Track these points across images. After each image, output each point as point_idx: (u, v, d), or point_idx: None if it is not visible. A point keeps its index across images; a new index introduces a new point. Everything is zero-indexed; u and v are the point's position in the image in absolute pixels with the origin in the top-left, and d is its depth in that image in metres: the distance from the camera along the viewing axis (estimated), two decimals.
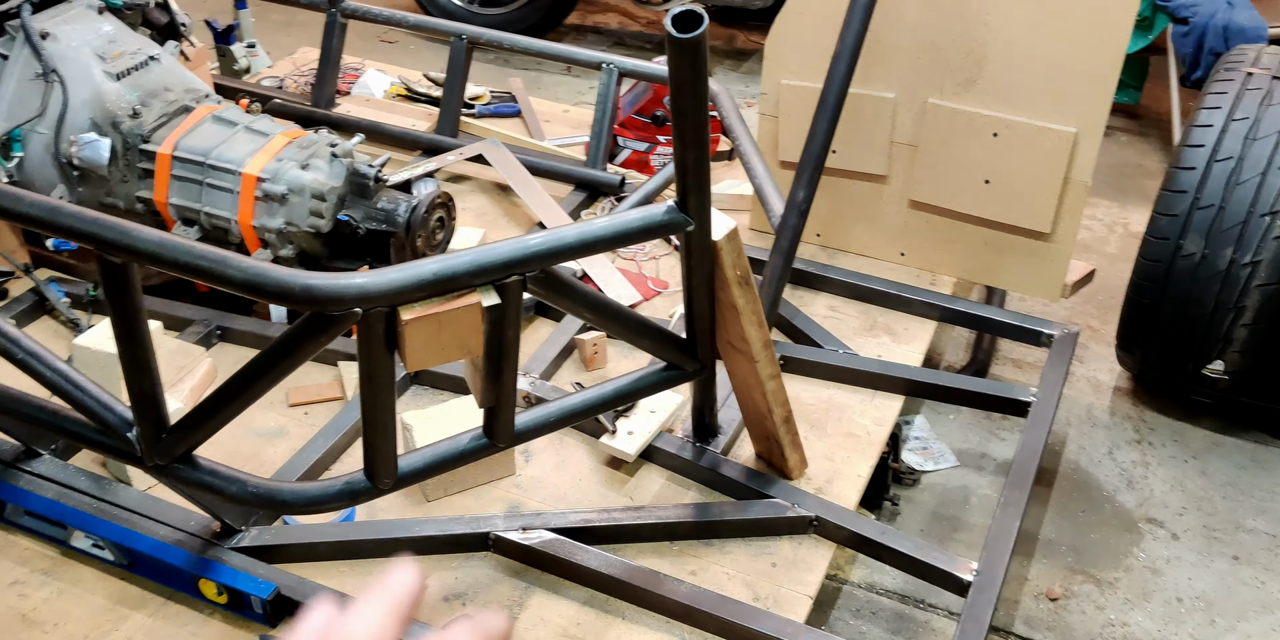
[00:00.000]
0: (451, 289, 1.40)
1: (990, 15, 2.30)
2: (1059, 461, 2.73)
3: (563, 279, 1.51)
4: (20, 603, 1.92)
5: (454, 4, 4.51)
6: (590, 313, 1.63)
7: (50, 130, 2.30)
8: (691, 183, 1.47)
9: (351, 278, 1.35)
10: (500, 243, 1.42)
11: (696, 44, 1.26)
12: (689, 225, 1.52)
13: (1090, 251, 3.46)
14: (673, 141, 1.44)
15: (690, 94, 1.33)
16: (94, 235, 1.41)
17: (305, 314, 1.42)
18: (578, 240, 1.45)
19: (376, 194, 2.32)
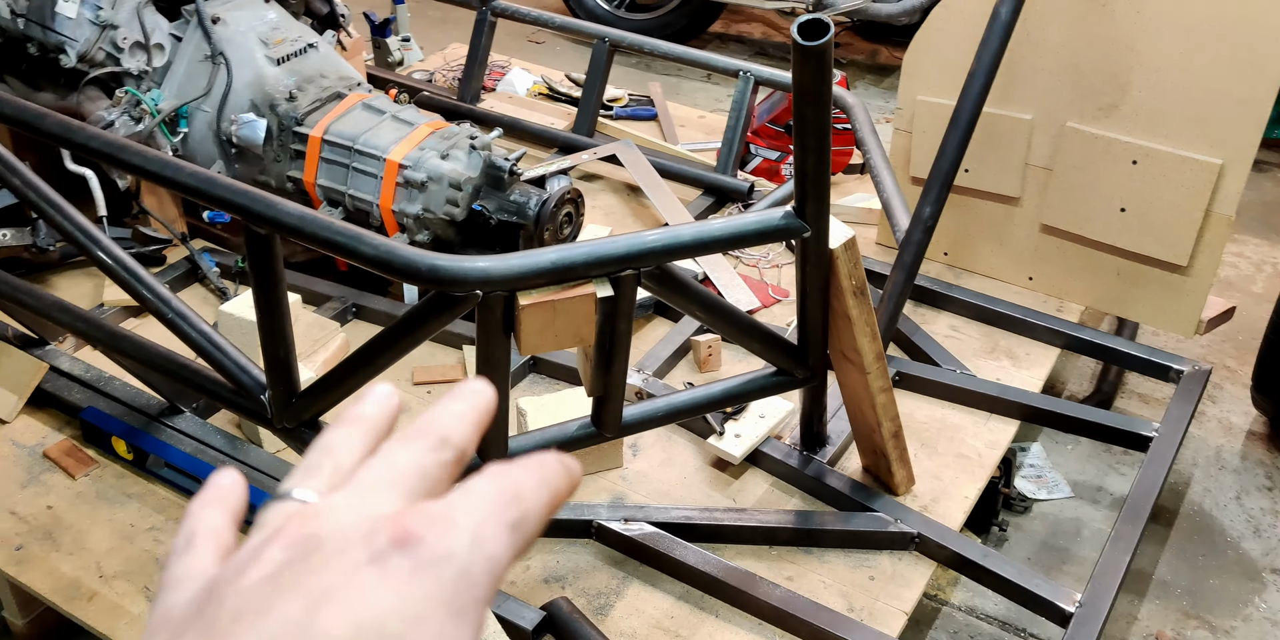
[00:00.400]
0: (568, 278, 1.45)
1: (1138, 40, 2.25)
2: (1181, 502, 2.64)
3: (677, 276, 1.55)
4: (156, 547, 2.04)
5: (601, 8, 4.60)
6: (703, 312, 1.66)
7: (214, 109, 2.44)
8: (810, 189, 1.49)
9: (475, 261, 1.41)
10: (618, 237, 1.46)
11: (822, 52, 1.28)
12: (805, 231, 1.54)
13: (1234, 289, 3.33)
14: (794, 147, 1.46)
15: (813, 101, 1.35)
16: (243, 207, 1.50)
17: (430, 293, 1.48)
18: (693, 239, 1.48)
19: (510, 186, 2.39)
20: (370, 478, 0.42)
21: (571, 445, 1.78)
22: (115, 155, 1.62)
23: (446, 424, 0.47)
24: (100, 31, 2.36)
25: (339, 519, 0.40)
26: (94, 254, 1.81)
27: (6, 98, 1.75)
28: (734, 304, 2.59)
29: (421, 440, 0.46)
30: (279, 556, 0.39)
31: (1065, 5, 2.31)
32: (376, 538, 0.39)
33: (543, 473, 0.44)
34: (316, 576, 0.37)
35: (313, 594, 0.37)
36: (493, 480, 0.43)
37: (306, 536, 0.39)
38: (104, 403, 2.26)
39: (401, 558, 0.37)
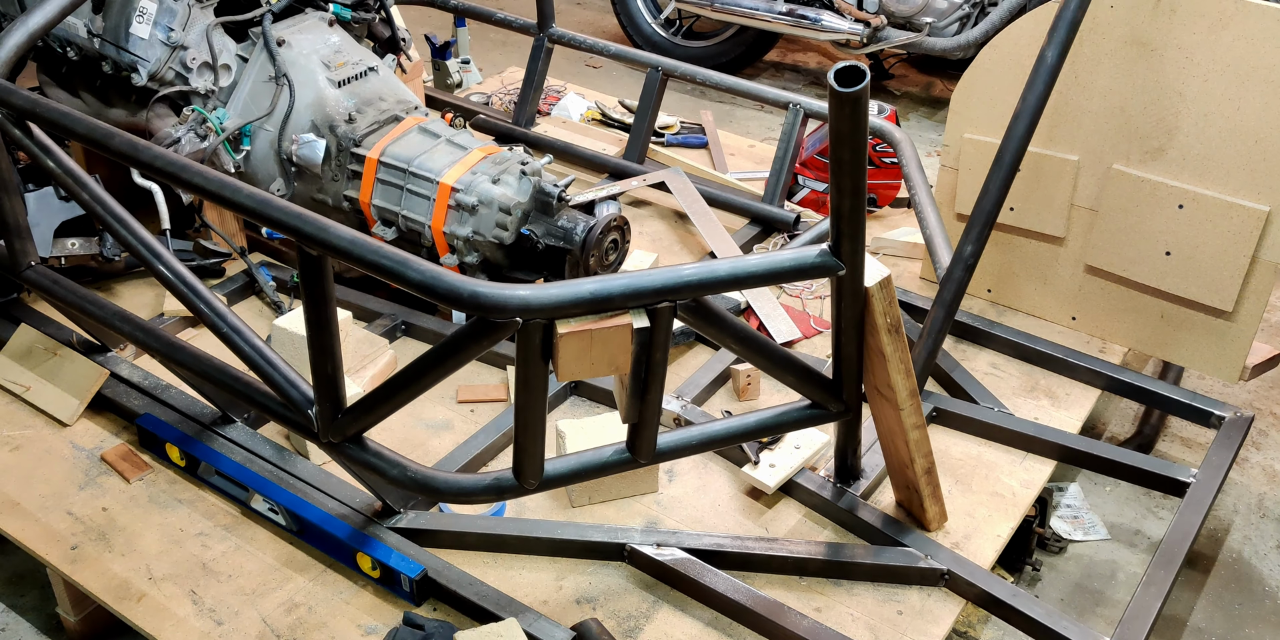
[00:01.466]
0: (606, 309, 1.49)
1: (1186, 85, 2.26)
2: (1220, 549, 2.62)
3: (712, 309, 1.58)
4: (203, 552, 2.11)
5: (659, 35, 4.66)
6: (737, 344, 1.70)
7: (276, 128, 2.53)
8: (846, 229, 1.52)
9: (515, 289, 1.46)
10: (655, 270, 1.50)
11: (857, 98, 1.31)
12: (840, 269, 1.57)
13: None
14: (830, 189, 1.49)
15: (849, 145, 1.39)
16: (296, 229, 1.56)
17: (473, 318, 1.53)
18: (729, 274, 1.52)
19: (558, 212, 2.45)
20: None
21: (605, 470, 1.82)
22: (178, 175, 1.69)
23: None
24: (171, 52, 2.46)
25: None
26: (154, 266, 1.89)
27: (80, 117, 1.83)
28: (775, 334, 2.63)
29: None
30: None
31: (1114, 49, 2.33)
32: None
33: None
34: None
35: None
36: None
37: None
38: (160, 410, 2.33)
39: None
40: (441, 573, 1.99)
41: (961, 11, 3.97)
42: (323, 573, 2.07)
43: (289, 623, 1.97)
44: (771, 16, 4.18)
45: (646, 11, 4.68)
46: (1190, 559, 2.59)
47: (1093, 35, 2.33)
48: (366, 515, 2.10)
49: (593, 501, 2.22)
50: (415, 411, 2.45)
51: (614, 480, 2.21)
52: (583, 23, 5.35)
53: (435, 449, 2.35)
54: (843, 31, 4.08)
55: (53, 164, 1.95)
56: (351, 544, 2.03)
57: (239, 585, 2.04)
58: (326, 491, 2.15)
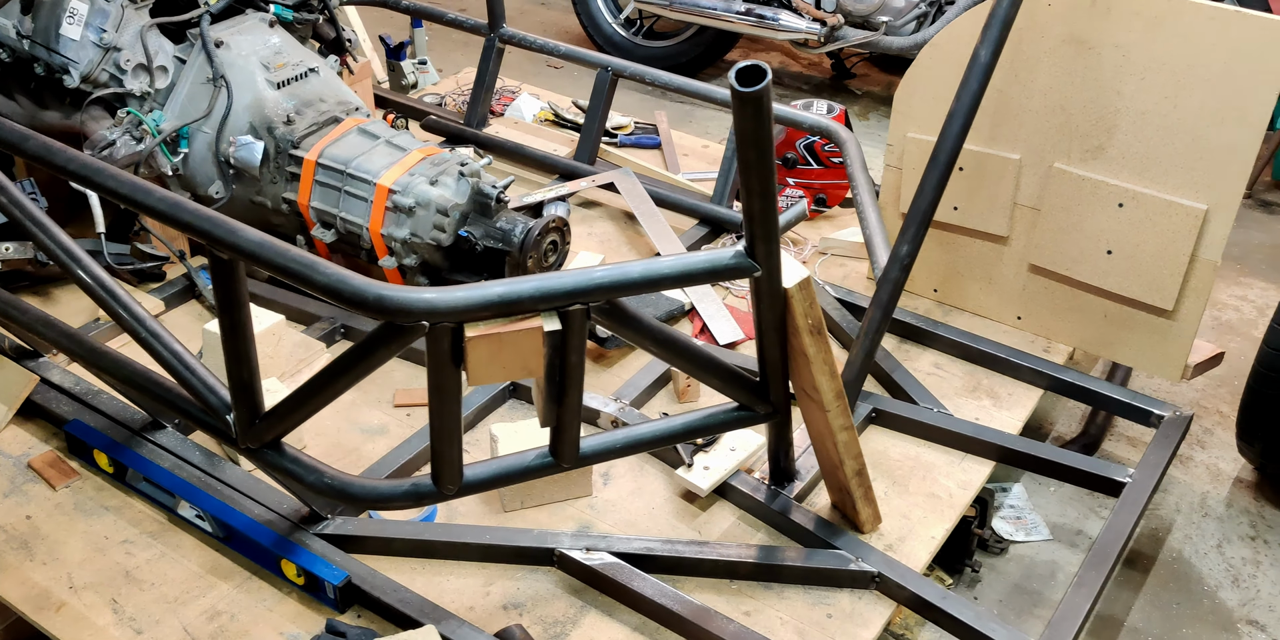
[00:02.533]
0: (515, 311, 1.47)
1: (1124, 84, 2.25)
2: (1160, 549, 2.62)
3: (627, 311, 1.57)
4: (127, 560, 2.08)
5: (619, 35, 4.65)
6: (656, 346, 1.68)
7: (213, 130, 2.50)
8: (759, 230, 1.51)
9: (422, 292, 1.44)
10: (567, 272, 1.48)
11: (759, 97, 1.30)
12: (756, 271, 1.56)
13: (1235, 334, 3.30)
14: (740, 190, 1.48)
15: (754, 145, 1.37)
16: (206, 232, 1.54)
17: (381, 323, 1.51)
18: (642, 276, 1.50)
19: (497, 213, 2.43)
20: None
21: (527, 475, 1.80)
22: (92, 178, 1.67)
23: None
24: (104, 54, 2.43)
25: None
26: (71, 270, 1.86)
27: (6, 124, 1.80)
28: (718, 335, 2.61)
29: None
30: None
31: (1053, 47, 2.32)
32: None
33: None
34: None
35: None
36: None
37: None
38: (90, 416, 2.30)
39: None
40: (366, 579, 1.97)
41: (918, 10, 3.97)
42: (248, 580, 2.05)
43: (210, 631, 1.95)
44: (729, 16, 4.17)
45: (607, 12, 4.66)
46: (1130, 559, 2.59)
47: (1031, 33, 2.32)
48: (293, 522, 2.07)
49: (525, 506, 2.20)
50: (351, 416, 2.43)
51: (547, 484, 2.19)
52: (546, 23, 5.33)
53: (369, 454, 2.33)
54: (800, 31, 4.07)
55: None
56: (276, 551, 2.01)
57: (161, 593, 2.01)
58: (255, 498, 2.13)
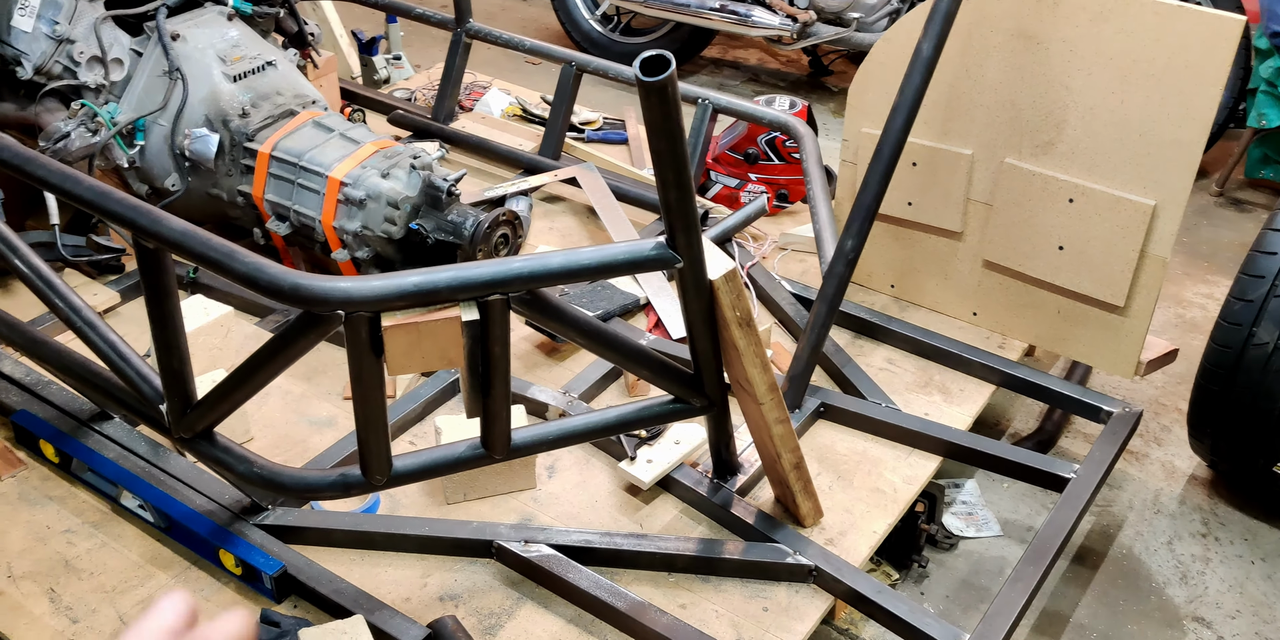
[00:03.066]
0: (432, 301, 1.48)
1: (1072, 79, 2.26)
2: (1111, 545, 2.62)
3: (549, 302, 1.57)
4: (67, 549, 2.09)
5: (596, 32, 4.65)
6: (582, 338, 1.69)
7: (169, 123, 2.51)
8: (677, 221, 1.51)
9: (337, 281, 1.45)
10: (485, 262, 1.49)
11: (663, 86, 1.30)
12: (677, 262, 1.56)
13: (1200, 332, 3.30)
14: (656, 181, 1.48)
15: (664, 135, 1.38)
16: (131, 221, 1.55)
17: (299, 313, 1.52)
18: (561, 267, 1.51)
19: (448, 207, 2.43)
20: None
21: (458, 466, 1.81)
22: (22, 167, 1.68)
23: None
24: (57, 45, 2.44)
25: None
26: (9, 261, 1.87)
27: None
28: (671, 329, 2.62)
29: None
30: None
31: (1002, 42, 2.32)
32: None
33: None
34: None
35: None
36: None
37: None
38: (38, 406, 2.31)
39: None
40: (302, 570, 1.98)
41: (890, 6, 3.97)
42: (186, 569, 2.06)
43: None
44: (703, 12, 4.17)
45: (585, 8, 4.66)
46: (1080, 555, 2.59)
47: (981, 28, 2.33)
48: (234, 512, 2.08)
49: (468, 498, 2.21)
50: (301, 408, 2.43)
51: (489, 477, 2.20)
52: (526, 20, 5.34)
53: (316, 445, 2.34)
54: (773, 27, 4.07)
55: None
56: (214, 541, 2.01)
57: (100, 582, 2.02)
58: (198, 488, 2.13)
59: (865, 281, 2.84)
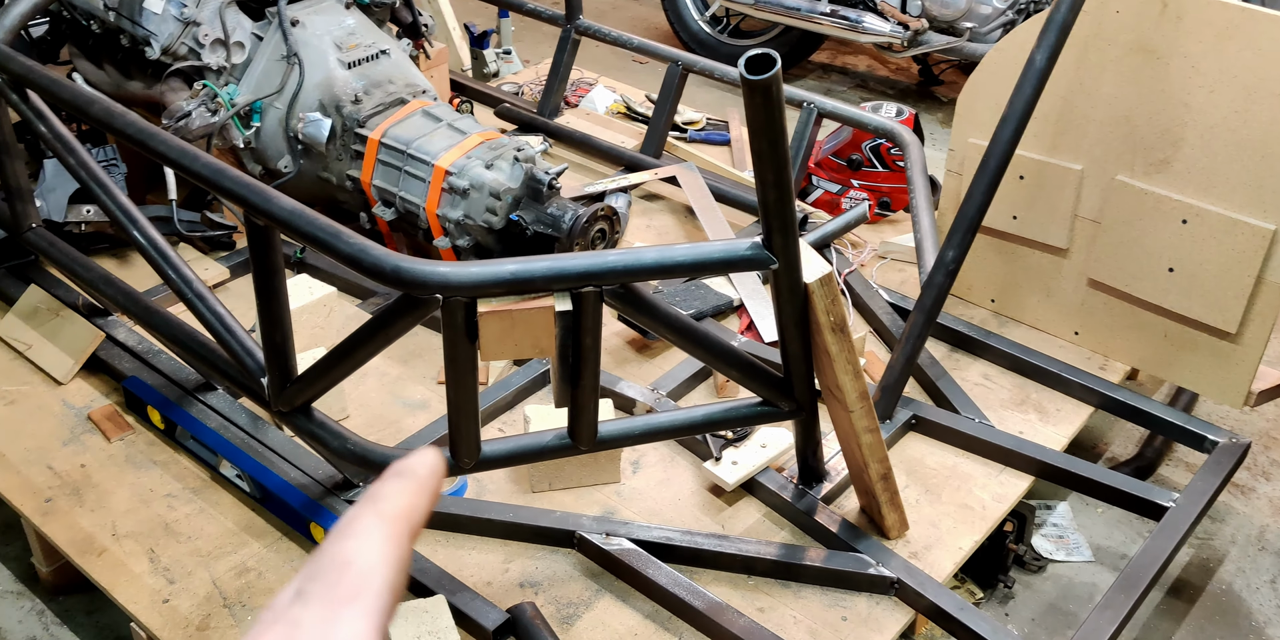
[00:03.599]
0: (527, 290, 1.50)
1: (1192, 96, 2.19)
2: (1210, 580, 2.53)
3: (642, 296, 1.58)
4: (168, 513, 2.17)
5: (705, 33, 4.65)
6: (672, 334, 1.69)
7: (285, 106, 2.58)
8: (775, 222, 1.50)
9: (437, 266, 1.48)
10: (580, 254, 1.50)
11: (768, 86, 1.30)
12: (773, 263, 1.55)
13: None
14: (755, 181, 1.48)
15: (766, 135, 1.37)
16: (243, 198, 1.60)
17: (399, 295, 1.55)
18: (655, 262, 1.51)
19: (549, 200, 2.46)
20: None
21: (544, 455, 1.83)
22: (145, 142, 1.74)
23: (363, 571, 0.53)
24: (183, 27, 2.53)
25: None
26: (129, 232, 1.94)
27: (66, 84, 1.90)
28: (763, 333, 2.60)
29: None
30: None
31: (1119, 56, 2.26)
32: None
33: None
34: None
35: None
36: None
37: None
38: (148, 374, 2.40)
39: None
40: None
41: (1005, 18, 3.89)
42: (278, 540, 2.11)
43: (238, 586, 2.02)
44: (813, 16, 4.14)
45: (694, 9, 4.67)
46: (1176, 587, 2.51)
47: (1098, 41, 2.27)
48: (326, 487, 2.13)
49: (553, 488, 2.23)
50: (395, 390, 2.48)
51: (575, 468, 2.21)
52: (636, 18, 5.36)
53: (409, 426, 2.38)
54: (883, 34, 4.03)
55: (44, 128, 2.02)
56: (306, 514, 2.06)
57: (196, 547, 2.09)
58: (293, 462, 2.19)
59: (965, 295, 2.79)
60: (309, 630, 0.50)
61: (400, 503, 0.55)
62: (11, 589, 2.35)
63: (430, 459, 0.58)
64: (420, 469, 0.57)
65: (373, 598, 0.51)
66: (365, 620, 0.50)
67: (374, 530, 0.53)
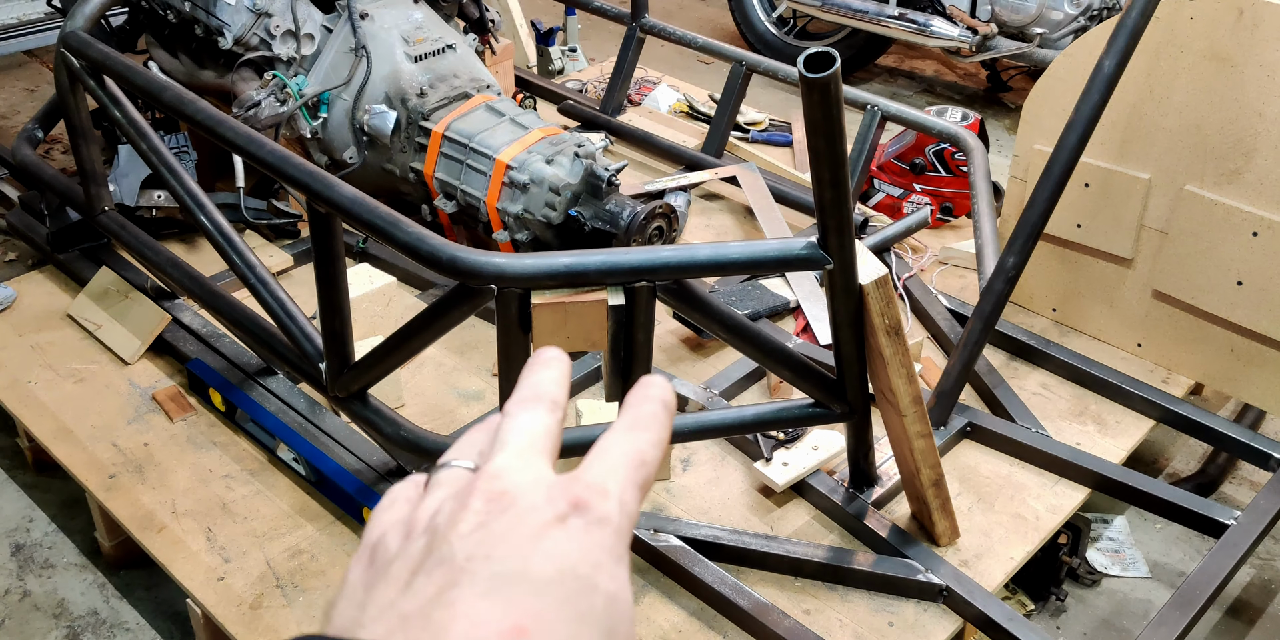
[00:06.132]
0: (581, 283, 1.50)
1: (1267, 105, 2.13)
2: (1271, 601, 2.47)
3: (695, 293, 1.58)
4: (226, 493, 2.21)
5: (771, 34, 4.64)
6: (725, 332, 1.68)
7: (351, 98, 2.62)
8: (830, 222, 1.50)
9: (492, 257, 1.49)
10: (635, 248, 1.51)
11: (826, 84, 1.29)
12: (828, 264, 1.55)
13: None
14: (811, 180, 1.47)
15: (823, 134, 1.36)
16: (306, 185, 1.62)
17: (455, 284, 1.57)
18: (709, 259, 1.51)
19: (608, 196, 2.47)
20: (519, 442, 0.52)
21: None
22: (214, 129, 1.78)
23: (550, 390, 0.55)
24: (256, 18, 2.58)
25: (517, 479, 0.49)
26: (196, 218, 1.99)
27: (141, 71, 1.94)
28: (819, 335, 2.59)
29: (539, 405, 0.54)
30: (481, 508, 0.48)
31: (1192, 63, 2.21)
32: (557, 501, 0.48)
33: (658, 434, 0.54)
34: (518, 529, 0.47)
35: (520, 544, 0.46)
36: (622, 444, 0.52)
37: (499, 493, 0.49)
38: (211, 357, 2.45)
39: (577, 519, 0.48)
40: None
41: (1076, 24, 3.83)
42: (331, 524, 2.15)
43: (291, 568, 2.05)
44: (881, 19, 4.11)
45: (761, 10, 4.65)
46: (1236, 608, 2.45)
47: (1170, 48, 2.23)
48: (380, 473, 2.16)
49: None
50: (451, 380, 2.51)
51: None
52: (703, 19, 5.36)
53: (463, 416, 2.41)
54: (952, 38, 3.98)
55: (118, 114, 2.08)
56: (359, 499, 2.09)
57: (252, 527, 2.13)
58: (348, 447, 2.22)
59: (1026, 303, 2.75)
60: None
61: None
62: (76, 561, 2.41)
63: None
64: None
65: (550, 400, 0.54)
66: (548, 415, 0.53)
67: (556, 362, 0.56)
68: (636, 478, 0.51)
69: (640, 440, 0.53)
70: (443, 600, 0.45)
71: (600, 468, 0.50)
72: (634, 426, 0.53)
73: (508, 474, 0.49)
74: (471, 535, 0.47)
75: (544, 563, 0.46)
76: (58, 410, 2.39)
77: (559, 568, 0.46)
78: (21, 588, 2.35)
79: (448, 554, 0.46)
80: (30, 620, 2.28)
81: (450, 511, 0.48)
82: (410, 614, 0.45)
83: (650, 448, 0.53)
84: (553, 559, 0.46)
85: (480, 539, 0.46)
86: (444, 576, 0.46)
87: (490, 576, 0.45)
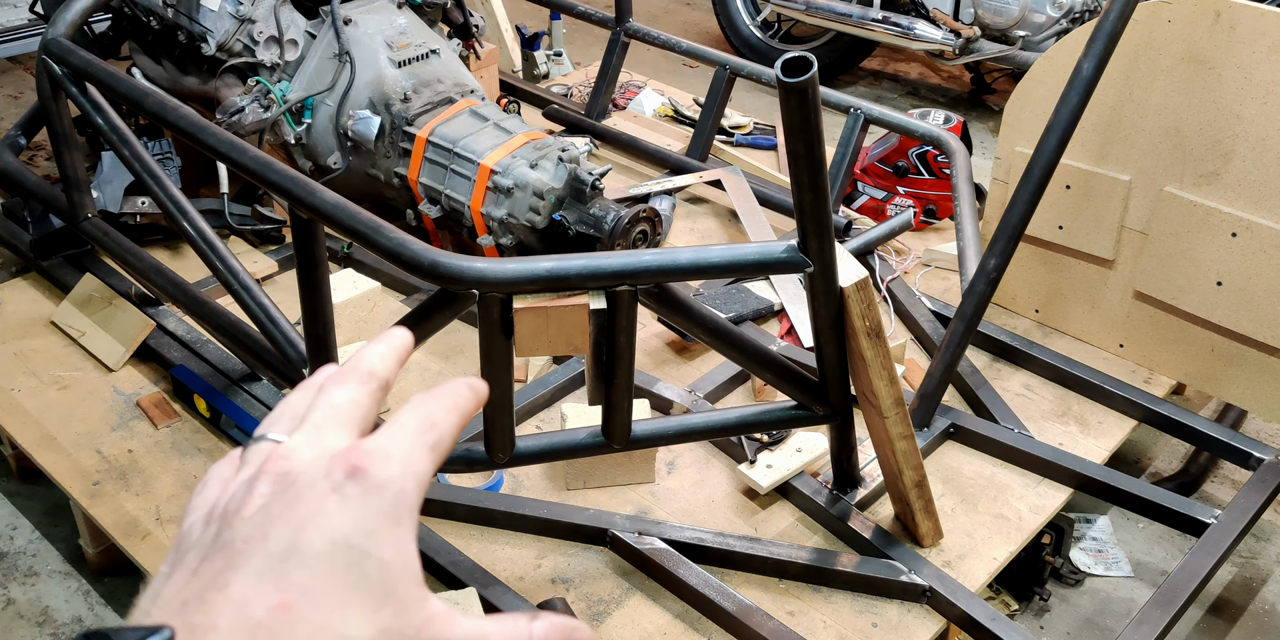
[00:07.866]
0: (563, 287, 1.51)
1: (1245, 107, 2.15)
2: (1252, 599, 2.48)
3: (676, 296, 1.59)
4: None
5: (756, 38, 4.65)
6: (707, 335, 1.69)
7: (335, 103, 2.62)
8: (810, 225, 1.50)
9: (474, 261, 1.49)
10: (616, 253, 1.51)
11: (804, 88, 1.30)
12: (808, 267, 1.56)
13: None
14: (790, 183, 1.48)
15: (802, 138, 1.37)
16: (288, 191, 1.63)
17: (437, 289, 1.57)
18: (690, 263, 1.52)
19: (592, 200, 2.47)
20: (318, 418, 0.54)
21: (578, 452, 1.84)
22: (196, 135, 1.78)
23: (371, 362, 0.57)
24: (239, 25, 2.58)
25: (303, 456, 0.51)
26: (180, 224, 1.99)
27: (123, 78, 1.94)
28: (802, 337, 2.60)
29: (352, 377, 0.56)
30: (265, 491, 0.50)
31: (1170, 66, 2.23)
32: (334, 472, 0.49)
33: (452, 399, 0.56)
34: (296, 507, 0.48)
35: (295, 520, 0.48)
36: (413, 412, 0.54)
37: (282, 474, 0.50)
38: (195, 363, 2.45)
39: (353, 487, 0.49)
40: (423, 540, 2.04)
41: (1058, 27, 3.85)
42: None
43: None
44: (865, 22, 4.13)
45: (745, 13, 4.67)
46: (1217, 606, 2.47)
47: (1149, 50, 2.24)
48: None
49: (587, 486, 2.24)
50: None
51: (610, 467, 2.22)
52: (688, 23, 5.37)
53: None
54: (935, 41, 4.00)
55: (101, 121, 2.07)
56: None
57: None
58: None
59: (1009, 305, 2.77)
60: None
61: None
62: (60, 569, 2.41)
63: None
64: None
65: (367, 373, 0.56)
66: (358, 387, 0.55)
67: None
68: (426, 440, 0.52)
69: (433, 405, 0.54)
70: (217, 583, 0.47)
71: (386, 434, 0.52)
72: (429, 396, 0.55)
73: (295, 453, 0.51)
74: (252, 518, 0.48)
75: (315, 537, 0.47)
76: (41, 417, 2.39)
77: (330, 539, 0.47)
78: (5, 596, 2.34)
79: (229, 538, 0.48)
80: (14, 628, 2.27)
81: (240, 497, 0.50)
82: (189, 599, 0.47)
83: (442, 412, 0.54)
84: (323, 532, 0.47)
85: (259, 521, 0.48)
86: (223, 560, 0.47)
87: (264, 556, 0.47)
